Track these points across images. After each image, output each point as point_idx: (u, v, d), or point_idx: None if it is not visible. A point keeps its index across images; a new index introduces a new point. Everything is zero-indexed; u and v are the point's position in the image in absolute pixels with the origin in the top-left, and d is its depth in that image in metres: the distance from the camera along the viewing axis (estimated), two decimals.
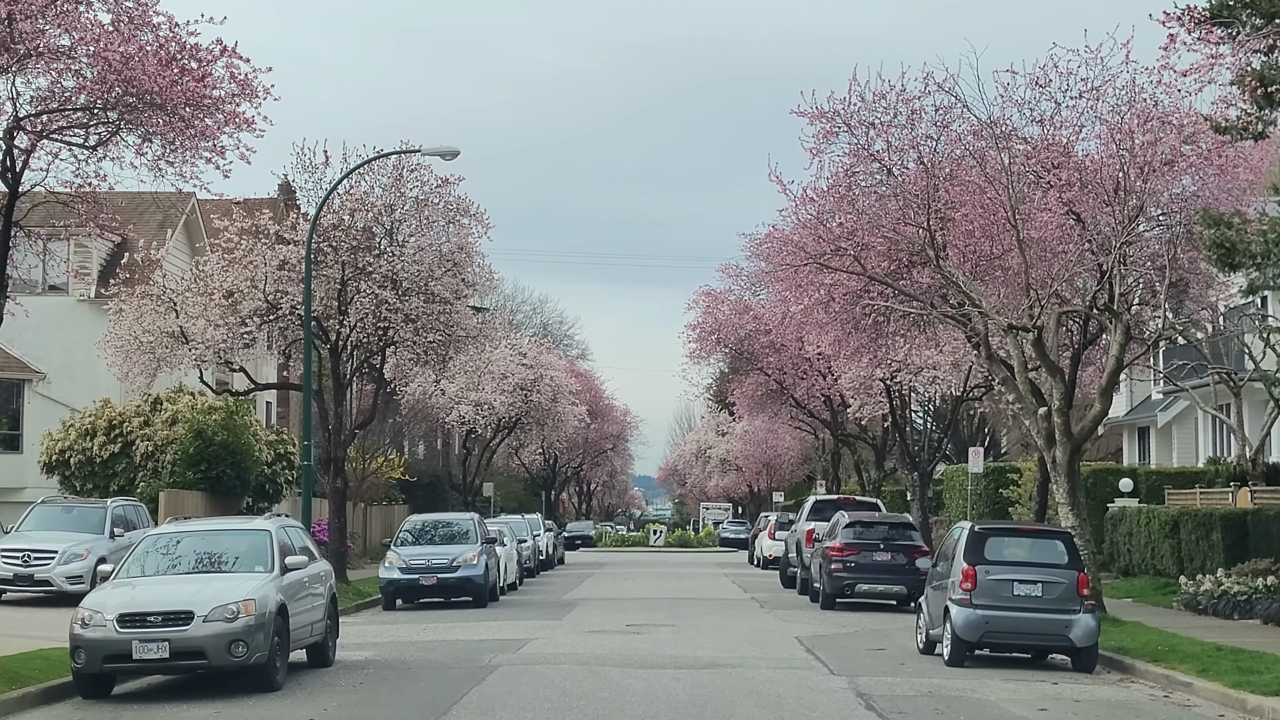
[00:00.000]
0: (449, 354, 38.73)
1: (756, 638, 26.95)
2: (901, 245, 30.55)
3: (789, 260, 30.39)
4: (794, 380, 55.47)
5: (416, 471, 71.74)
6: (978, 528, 22.77)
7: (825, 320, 31.61)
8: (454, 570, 35.35)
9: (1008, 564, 22.22)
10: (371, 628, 29.76)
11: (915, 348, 40.37)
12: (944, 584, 22.85)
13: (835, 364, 45.09)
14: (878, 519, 36.55)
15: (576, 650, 24.00)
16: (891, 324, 32.50)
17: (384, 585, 35.57)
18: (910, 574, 34.44)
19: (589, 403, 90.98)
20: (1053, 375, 27.76)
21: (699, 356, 56.99)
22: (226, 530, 20.81)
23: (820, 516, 41.75)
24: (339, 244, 37.03)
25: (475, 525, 37.39)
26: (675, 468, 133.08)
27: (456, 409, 66.45)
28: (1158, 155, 28.50)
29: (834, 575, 34.55)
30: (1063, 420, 27.54)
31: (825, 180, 31.49)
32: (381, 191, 37.40)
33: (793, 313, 33.51)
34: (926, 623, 23.83)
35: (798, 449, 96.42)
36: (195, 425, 41.79)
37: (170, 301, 37.02)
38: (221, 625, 18.07)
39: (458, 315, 38.02)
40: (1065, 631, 21.89)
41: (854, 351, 33.09)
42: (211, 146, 20.39)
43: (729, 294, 55.81)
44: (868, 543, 34.86)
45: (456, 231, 38.14)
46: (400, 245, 37.19)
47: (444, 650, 24.26)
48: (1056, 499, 27.94)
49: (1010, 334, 28.52)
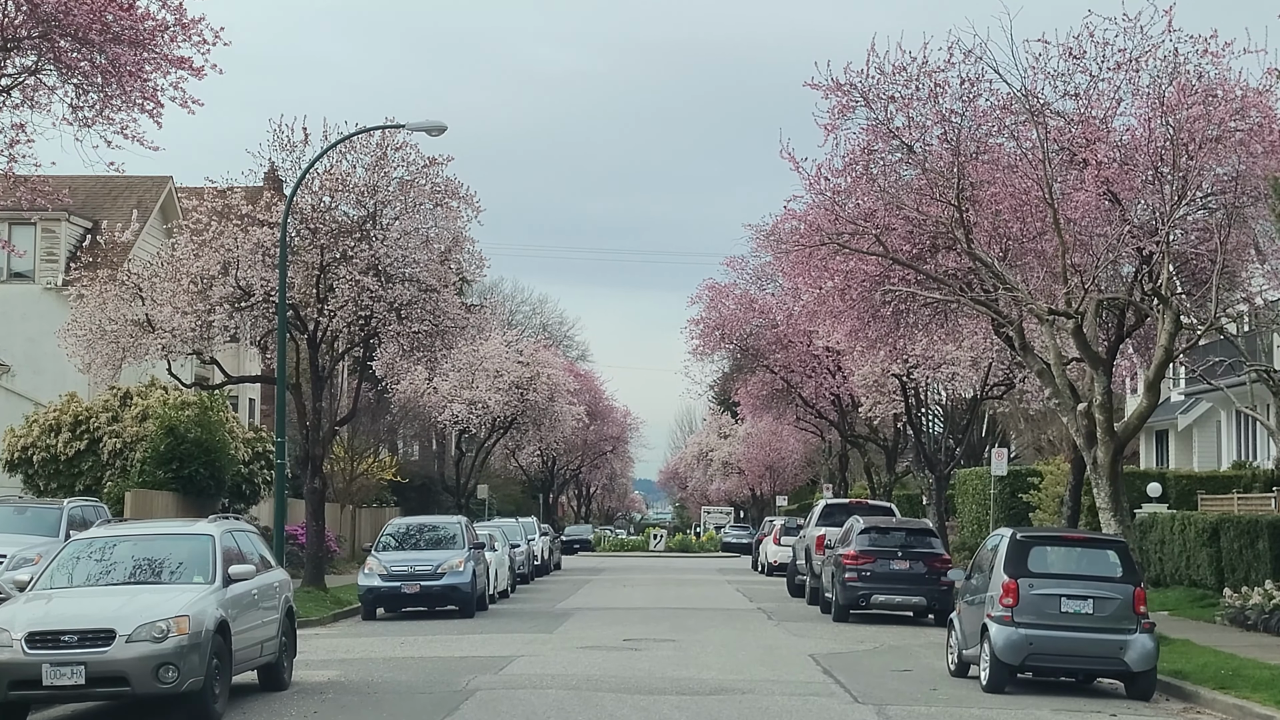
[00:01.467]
0: (437, 346, 36.12)
1: (767, 656, 24.36)
2: (925, 227, 28.01)
3: (805, 240, 27.78)
4: (801, 378, 52.85)
5: (409, 473, 69.35)
6: (1020, 535, 20.12)
7: (841, 308, 28.99)
8: (438, 577, 32.83)
9: (1054, 577, 19.59)
10: (345, 641, 27.20)
11: (934, 342, 37.84)
12: (981, 599, 20.26)
13: (847, 360, 42.39)
14: (895, 524, 33.99)
15: (566, 670, 21.41)
16: (913, 313, 29.92)
17: (363, 593, 33.03)
18: (930, 584, 31.94)
19: (588, 403, 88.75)
20: (1094, 367, 25.19)
21: (702, 353, 54.31)
22: (164, 535, 18.15)
23: (831, 521, 39.31)
24: (318, 227, 34.47)
25: (462, 529, 34.84)
26: (676, 471, 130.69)
27: (449, 408, 63.98)
28: (1204, 130, 26.02)
29: (848, 585, 32.01)
30: (1105, 417, 24.97)
31: (841, 159, 29.00)
32: (364, 172, 34.80)
33: (805, 302, 30.91)
34: (959, 641, 21.25)
35: (802, 452, 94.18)
36: (167, 421, 39.33)
37: (136, 287, 34.40)
38: (148, 646, 15.44)
39: (445, 304, 35.44)
40: (1119, 654, 19.28)
41: (871, 343, 30.49)
42: (143, 90, 17.66)
43: (734, 288, 53.18)
44: (884, 550, 32.32)
45: (444, 215, 35.54)
46: (384, 229, 34.61)
47: (418, 670, 21.66)
48: (1097, 504, 25.38)
49: (1046, 323, 25.97)
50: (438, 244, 35.79)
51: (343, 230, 34.60)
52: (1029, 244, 27.95)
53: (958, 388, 40.39)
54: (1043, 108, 27.37)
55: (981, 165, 27.91)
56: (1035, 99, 27.12)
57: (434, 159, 35.20)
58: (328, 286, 34.64)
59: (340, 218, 34.90)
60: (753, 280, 53.58)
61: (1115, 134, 27.36)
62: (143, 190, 46.01)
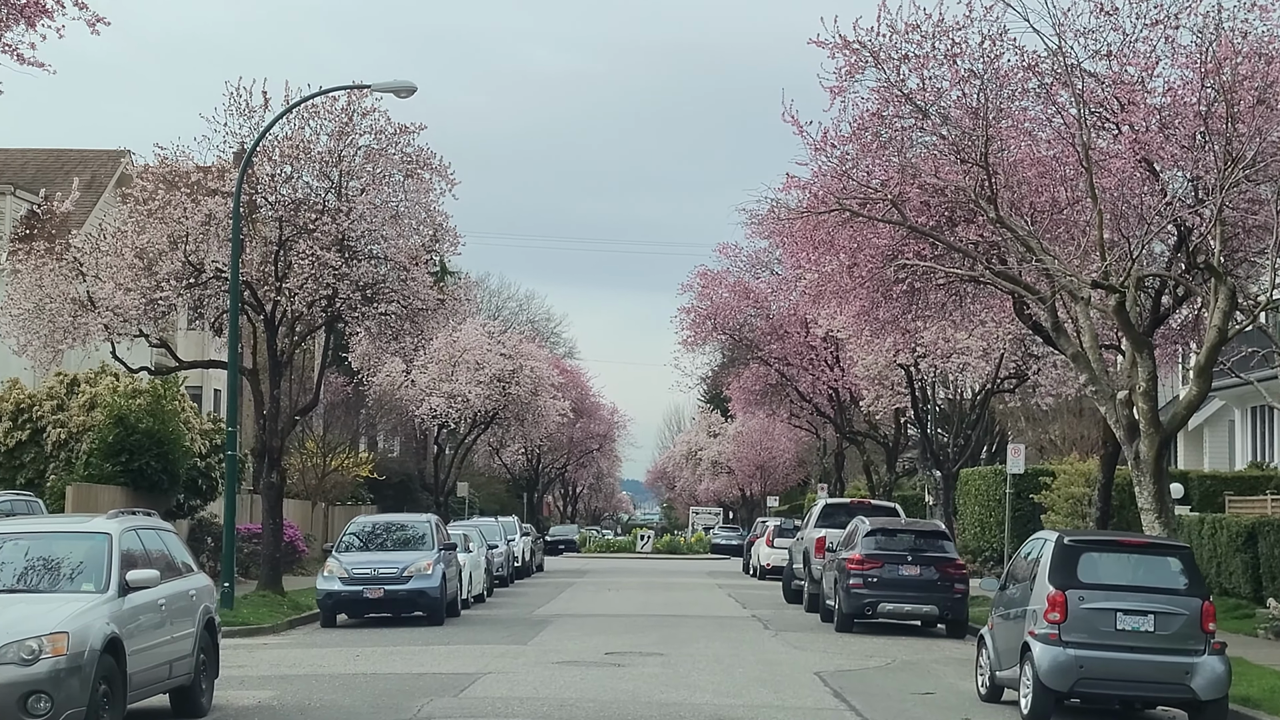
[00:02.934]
0: (407, 329, 33.20)
1: (768, 674, 21.50)
2: (943, 196, 25.21)
3: (812, 205, 24.88)
4: (798, 370, 49.97)
5: (387, 470, 66.45)
6: (1068, 539, 17.21)
7: (849, 286, 26.14)
8: (404, 581, 29.96)
9: (1108, 588, 16.71)
10: (294, 653, 24.32)
11: (946, 329, 35.03)
12: (1019, 613, 17.42)
13: (851, 349, 39.52)
14: (904, 526, 31.16)
15: (537, 693, 18.55)
16: (928, 293, 27.08)
17: (321, 598, 30.16)
18: (943, 591, 29.15)
19: (574, 400, 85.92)
20: (1138, 350, 22.34)
21: (693, 344, 51.34)
22: (50, 533, 15.18)
23: (831, 522, 36.53)
24: (275, 198, 31.59)
25: (432, 529, 31.95)
26: (664, 471, 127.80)
27: (428, 401, 61.04)
28: (1254, 92, 23.27)
29: (853, 592, 29.20)
30: (1149, 406, 22.14)
31: (849, 124, 26.19)
32: (328, 140, 31.89)
33: (808, 281, 28.06)
34: (991, 661, 18.41)
35: (794, 451, 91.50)
36: (116, 410, 36.36)
37: (76, 262, 31.43)
38: (14, 670, 12.55)
39: (416, 284, 32.55)
40: (1185, 679, 16.44)
41: (881, 327, 27.63)
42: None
43: (727, 275, 50.26)
44: (892, 554, 29.51)
45: (416, 187, 32.61)
46: (348, 200, 31.72)
47: (366, 691, 18.78)
48: (1139, 504, 22.54)
49: (1081, 302, 23.14)
50: (409, 219, 32.92)
51: (303, 202, 31.73)
52: (1058, 216, 25.20)
53: (969, 379, 37.54)
54: (1072, 68, 24.66)
55: (1005, 129, 25.19)
56: (1066, 56, 24.40)
57: (405, 126, 32.33)
58: (287, 263, 31.76)
59: (302, 189, 32.02)
60: (747, 267, 50.77)
61: (1153, 96, 24.67)
62: (97, 164, 43.07)
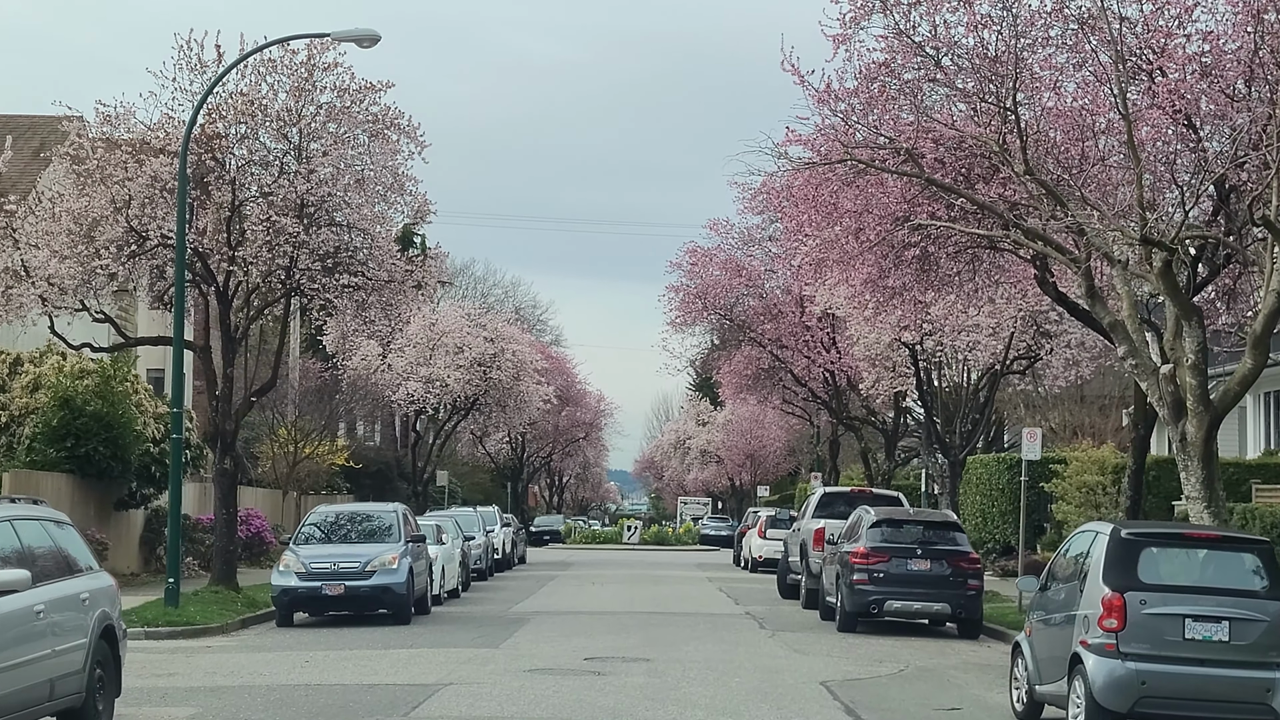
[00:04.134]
0: (373, 303, 30.54)
1: (768, 685, 18.95)
2: (962, 150, 22.69)
3: (819, 157, 22.27)
4: (792, 353, 47.38)
5: (364, 458, 63.82)
6: (1126, 532, 14.60)
7: (855, 252, 23.58)
8: (367, 576, 27.42)
9: (1174, 590, 14.14)
10: (237, 657, 21.76)
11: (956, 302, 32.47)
12: (1066, 618, 14.86)
13: (852, 326, 36.90)
14: (912, 517, 28.62)
15: (501, 711, 15.97)
16: (941, 260, 24.52)
17: (276, 595, 27.59)
18: (955, 588, 26.65)
19: (561, 387, 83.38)
20: (1186, 318, 19.80)
21: (682, 324, 48.68)
22: None
23: (830, 512, 34.02)
24: (227, 159, 28.96)
25: (399, 520, 29.36)
26: (652, 460, 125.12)
27: (404, 386, 58.39)
28: None
29: (857, 589, 26.68)
30: (1198, 381, 19.60)
31: (855, 77, 23.64)
32: (286, 96, 29.25)
33: (810, 248, 25.47)
34: (1030, 673, 15.86)
35: (784, 440, 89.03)
36: (61, 392, 33.76)
37: (9, 228, 28.74)
38: None
39: (381, 253, 29.93)
40: (1266, 697, 13.86)
41: (890, 298, 25.07)
42: None
43: (718, 252, 47.60)
44: (901, 547, 27.00)
45: (381, 148, 29.95)
46: (308, 163, 29.08)
47: (302, 707, 16.19)
48: (1186, 492, 20.03)
49: (1118, 266, 20.63)
50: (375, 183, 30.28)
51: (259, 163, 29.11)
52: (1088, 173, 22.67)
53: (978, 359, 34.98)
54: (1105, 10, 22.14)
55: (1027, 80, 22.69)
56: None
57: (370, 84, 29.68)
58: (240, 231, 29.14)
59: (258, 150, 29.38)
60: (739, 244, 48.11)
61: (1191, 42, 22.16)
62: (46, 130, 40.35)
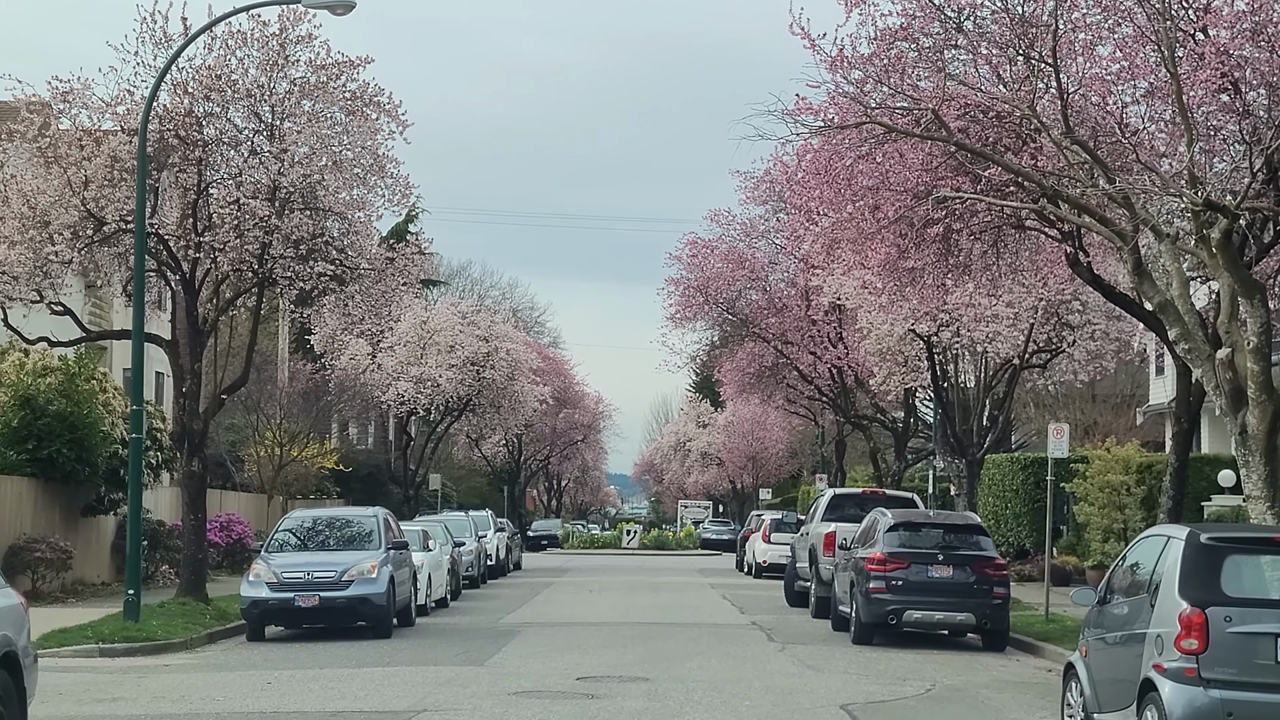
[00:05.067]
0: (351, 294, 28.49)
1: (782, 708, 16.87)
2: (987, 118, 20.72)
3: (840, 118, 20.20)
4: (798, 349, 45.29)
5: (354, 461, 61.81)
6: (1206, 538, 12.51)
7: (872, 230, 21.54)
8: (343, 586, 25.38)
9: (1265, 605, 12.10)
10: (194, 678, 19.71)
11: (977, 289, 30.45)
12: (1134, 637, 12.78)
13: (863, 318, 34.80)
14: (933, 520, 26.54)
15: None
16: (963, 241, 22.48)
17: (246, 607, 25.52)
18: (980, 596, 24.61)
19: (559, 389, 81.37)
20: (1248, 295, 17.77)
21: (682, 319, 46.55)
22: None
23: (841, 515, 32.03)
24: (192, 137, 26.92)
25: (379, 525, 27.29)
26: (652, 463, 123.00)
27: (394, 386, 56.32)
28: None
29: (874, 597, 24.63)
30: (1261, 366, 17.55)
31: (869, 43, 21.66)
32: (257, 71, 27.22)
33: (822, 228, 23.45)
34: (1086, 698, 13.79)
35: (786, 441, 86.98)
36: (21, 390, 31.75)
37: None
38: None
39: (359, 239, 27.89)
40: None
41: (908, 281, 23.01)
42: None
43: (720, 243, 45.54)
44: (921, 552, 24.96)
45: (359, 126, 27.91)
46: (280, 142, 27.04)
47: None
48: (1247, 491, 17.99)
49: (1166, 240, 18.62)
50: (354, 166, 28.24)
51: (226, 141, 27.07)
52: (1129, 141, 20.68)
53: (998, 350, 32.88)
54: None
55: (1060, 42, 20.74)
56: None
57: (348, 59, 27.68)
58: (208, 215, 27.10)
59: (228, 129, 27.35)
60: (741, 236, 46.07)
61: None
62: (5, 113, 38.21)
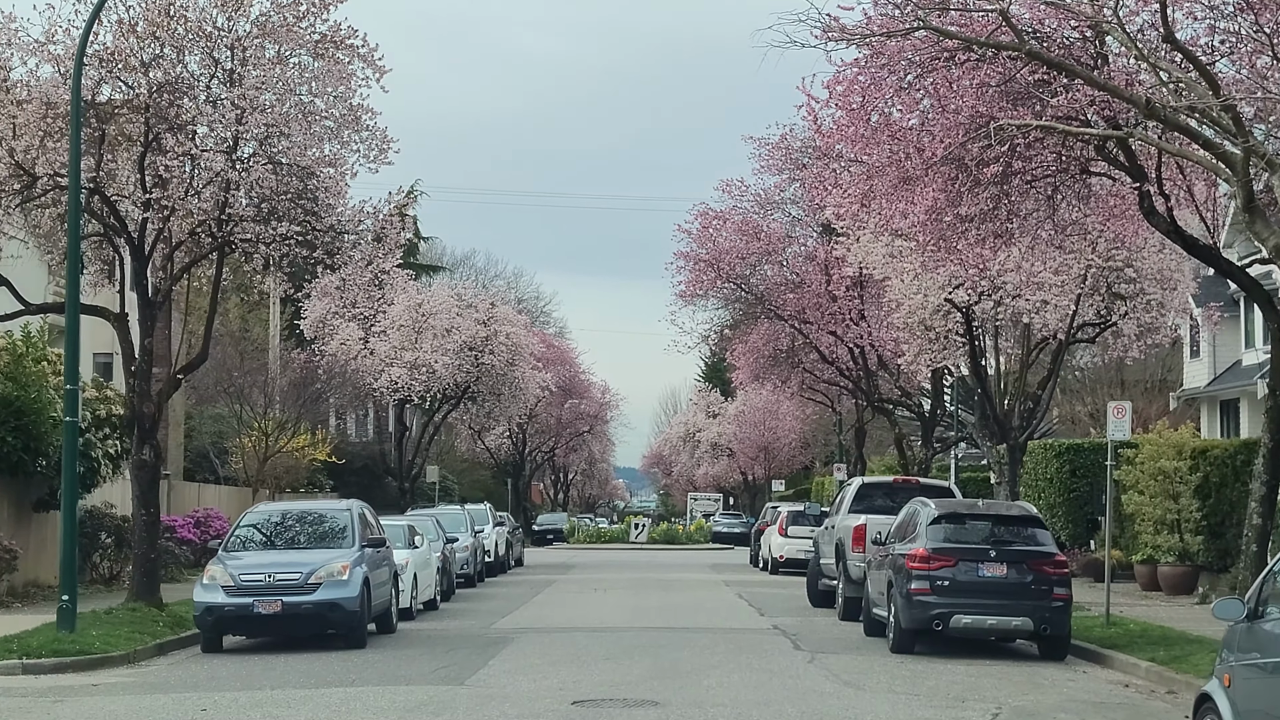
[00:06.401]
0: (319, 258, 25.31)
1: None
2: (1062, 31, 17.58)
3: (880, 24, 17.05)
4: (817, 328, 42.03)
5: (348, 453, 58.71)
6: None
7: (918, 171, 18.35)
8: (309, 590, 22.22)
9: None
10: (119, 701, 16.57)
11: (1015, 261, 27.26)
12: None
13: (892, 287, 31.53)
14: (982, 511, 23.29)
15: None
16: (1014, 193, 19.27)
17: (199, 614, 22.32)
18: (1038, 598, 21.46)
19: (564, 379, 78.42)
20: None
21: (692, 296, 43.22)
22: None
23: (868, 506, 28.96)
24: (137, 81, 23.76)
25: (353, 520, 24.09)
26: (660, 454, 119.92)
27: (388, 372, 53.15)
28: None
29: (916, 600, 21.44)
30: None
31: None
32: (212, 8, 24.02)
33: (854, 177, 20.25)
34: None
35: (799, 430, 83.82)
36: None
37: None
38: None
39: (326, 194, 24.69)
40: None
41: (959, 234, 19.81)
42: None
43: (733, 214, 42.25)
44: (970, 548, 21.77)
45: (329, 71, 24.71)
46: (238, 87, 23.83)
47: None
48: None
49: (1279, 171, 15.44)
50: (325, 118, 25.05)
51: (178, 87, 23.89)
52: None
53: (1046, 322, 29.60)
54: None
55: None
56: None
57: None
58: (157, 171, 23.93)
59: (179, 73, 24.17)
60: (755, 208, 42.83)
61: None
62: None
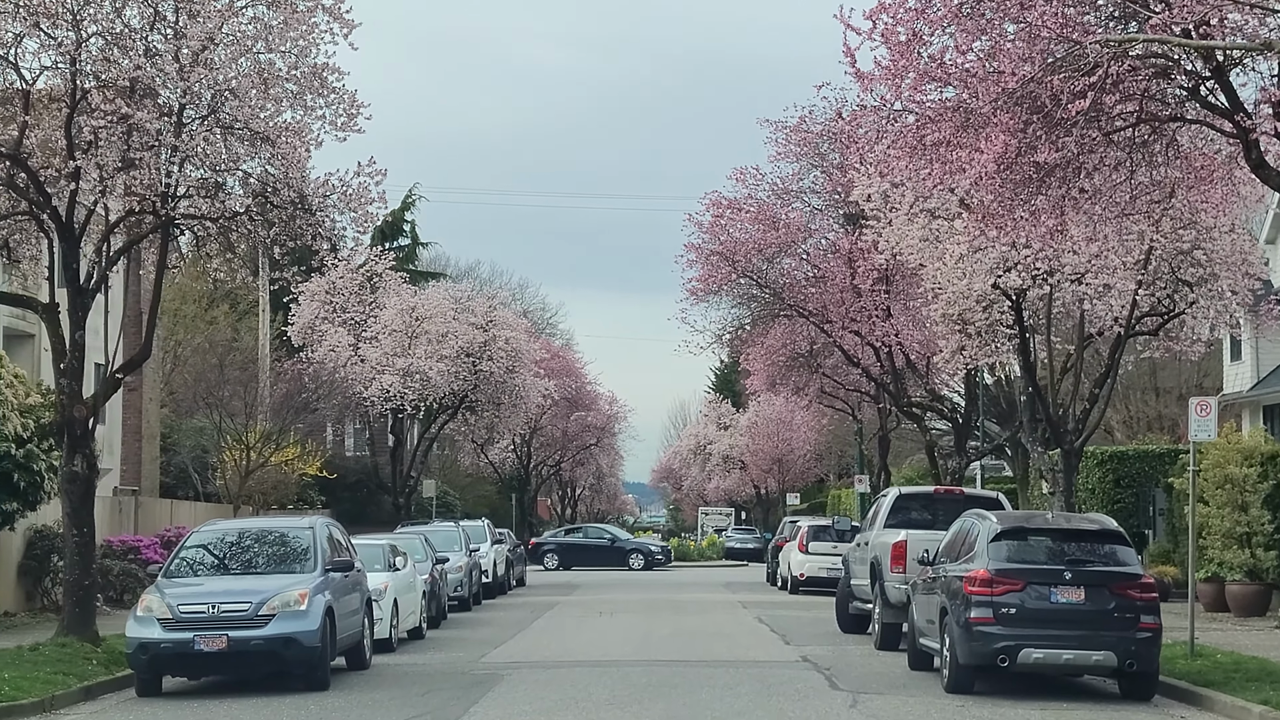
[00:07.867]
0: (276, 237, 21.98)
1: None
2: None
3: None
4: (840, 327, 38.58)
5: (341, 467, 55.45)
6: None
7: (985, 113, 15.01)
8: (261, 624, 18.87)
9: None
10: None
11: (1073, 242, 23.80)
12: None
13: (930, 274, 28.10)
14: (1054, 525, 19.85)
15: None
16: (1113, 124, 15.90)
17: (133, 651, 19.00)
18: (1123, 627, 18.07)
19: (569, 389, 75.06)
20: None
21: (703, 292, 39.68)
22: None
23: (905, 520, 25.65)
24: (61, 33, 20.45)
25: (315, 540, 20.72)
26: (670, 468, 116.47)
27: (378, 380, 49.80)
28: None
29: (977, 631, 18.05)
30: None
31: None
32: None
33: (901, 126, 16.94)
34: None
35: (814, 441, 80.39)
36: None
37: None
38: None
39: (288, 165, 21.35)
40: None
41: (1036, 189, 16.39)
42: None
43: (749, 202, 38.80)
44: (1041, 569, 18.37)
45: (292, 26, 21.35)
46: (181, 40, 20.51)
47: None
48: None
49: None
50: (287, 81, 21.70)
51: (111, 40, 20.59)
52: None
53: (1110, 309, 26.14)
54: None
55: None
56: None
57: None
58: (85, 139, 20.64)
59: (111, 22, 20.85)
60: (771, 197, 39.44)
61: None
62: None
